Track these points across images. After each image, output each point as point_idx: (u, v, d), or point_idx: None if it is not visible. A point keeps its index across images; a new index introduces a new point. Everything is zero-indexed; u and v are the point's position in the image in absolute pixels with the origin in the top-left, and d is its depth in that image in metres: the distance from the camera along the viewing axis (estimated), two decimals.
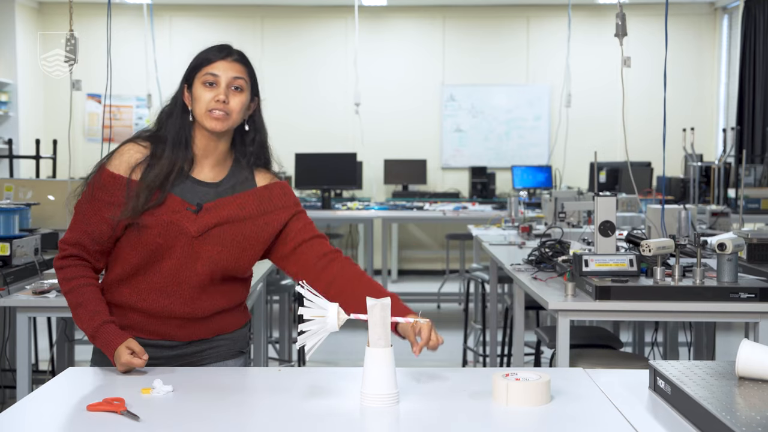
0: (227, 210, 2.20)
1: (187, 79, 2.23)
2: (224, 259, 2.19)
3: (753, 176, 7.24)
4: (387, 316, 1.83)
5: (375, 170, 9.82)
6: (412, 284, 9.32)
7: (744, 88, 8.90)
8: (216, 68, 2.18)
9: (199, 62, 2.21)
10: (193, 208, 2.18)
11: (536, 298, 3.25)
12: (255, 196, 2.25)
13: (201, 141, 2.23)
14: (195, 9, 10.08)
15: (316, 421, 1.76)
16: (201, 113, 2.18)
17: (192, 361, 2.24)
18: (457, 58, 10.16)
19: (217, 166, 2.26)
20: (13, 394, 4.32)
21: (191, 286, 2.18)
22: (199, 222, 2.17)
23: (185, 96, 2.23)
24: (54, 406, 1.91)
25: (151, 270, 2.18)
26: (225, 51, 2.21)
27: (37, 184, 4.58)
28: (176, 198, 2.18)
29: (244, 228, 2.21)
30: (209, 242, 2.18)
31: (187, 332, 2.23)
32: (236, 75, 2.19)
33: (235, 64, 2.20)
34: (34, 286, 3.27)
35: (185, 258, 2.17)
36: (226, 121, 2.18)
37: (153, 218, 2.15)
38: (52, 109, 9.73)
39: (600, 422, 1.77)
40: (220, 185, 2.24)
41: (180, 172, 2.19)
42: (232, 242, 2.20)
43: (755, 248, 3.52)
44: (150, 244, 2.16)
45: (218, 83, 2.18)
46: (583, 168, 9.01)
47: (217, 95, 2.16)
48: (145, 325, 2.20)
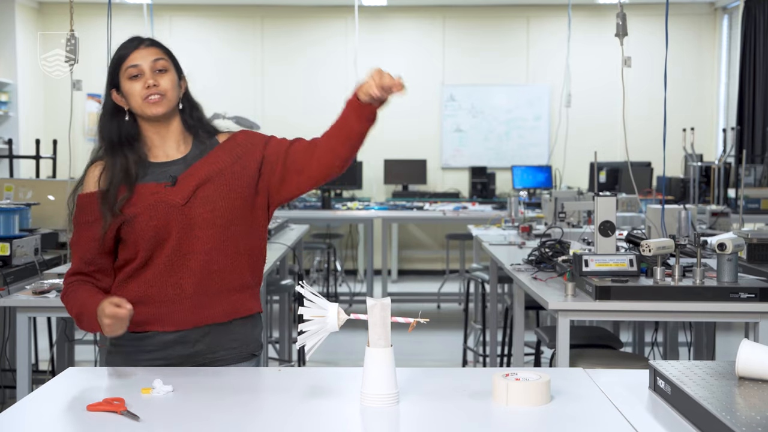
0: (202, 171, 2.23)
1: (112, 83, 2.25)
2: (219, 216, 2.21)
3: (753, 176, 7.24)
4: (387, 316, 1.83)
5: (375, 170, 9.82)
6: (412, 284, 9.32)
7: (744, 88, 8.90)
8: (134, 59, 2.22)
9: (116, 61, 2.24)
10: (168, 183, 2.21)
11: (536, 298, 3.25)
12: (222, 149, 2.28)
13: (151, 131, 2.26)
14: (195, 9, 10.08)
15: (316, 421, 1.76)
16: (138, 105, 2.21)
17: (205, 362, 2.23)
18: (457, 58, 10.16)
19: (180, 145, 2.29)
20: (13, 394, 4.32)
21: (196, 254, 2.19)
22: (179, 190, 2.20)
23: (116, 98, 2.25)
24: (54, 406, 1.91)
25: (156, 256, 2.20)
26: (136, 41, 2.25)
27: (37, 184, 4.58)
28: (149, 184, 2.21)
29: (224, 179, 2.23)
30: (198, 204, 2.20)
31: (200, 315, 2.21)
32: (155, 57, 2.23)
33: (150, 48, 2.24)
34: (34, 286, 3.27)
35: (182, 229, 2.19)
36: (162, 102, 2.22)
37: (137, 207, 2.18)
38: (52, 109, 9.73)
39: (600, 422, 1.77)
40: (188, 157, 2.27)
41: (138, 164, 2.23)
42: (220, 196, 2.22)
43: (755, 248, 3.52)
44: (147, 230, 2.18)
45: (142, 71, 2.21)
46: (583, 168, 9.01)
47: (145, 82, 2.20)
48: (157, 317, 2.20)
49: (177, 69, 2.29)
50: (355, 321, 1.91)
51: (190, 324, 2.21)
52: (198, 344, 2.22)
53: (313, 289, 1.90)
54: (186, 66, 2.32)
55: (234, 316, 2.26)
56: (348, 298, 8.07)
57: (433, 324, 6.43)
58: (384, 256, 7.86)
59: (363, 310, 1.84)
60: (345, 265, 9.57)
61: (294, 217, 6.94)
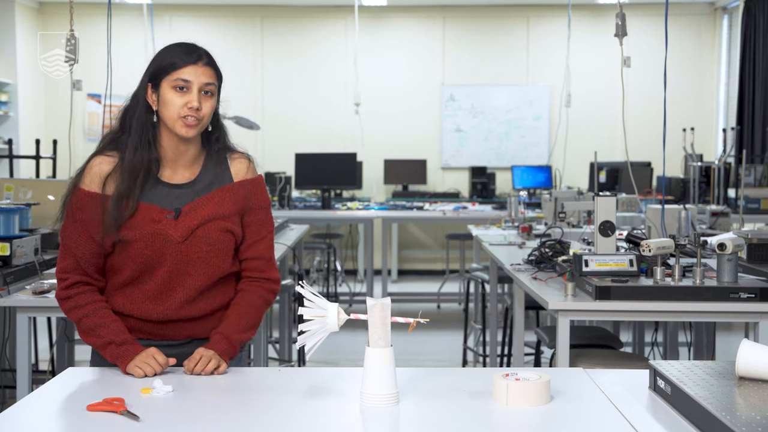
0: (206, 210, 2.20)
1: (151, 80, 2.18)
2: (214, 256, 2.20)
3: (753, 176, 7.24)
4: (387, 316, 1.83)
5: (375, 170, 9.82)
6: (412, 284, 9.32)
7: (744, 88, 8.90)
8: (187, 73, 2.14)
9: (166, 65, 2.16)
10: (171, 214, 2.17)
11: (536, 298, 3.25)
12: (232, 192, 2.24)
13: (170, 144, 2.20)
14: (195, 9, 10.08)
15: (316, 421, 1.76)
16: (172, 119, 2.15)
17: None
18: (457, 58, 10.16)
19: (191, 165, 2.24)
20: (13, 394, 4.32)
21: (186, 289, 2.19)
22: (180, 227, 2.17)
23: (149, 95, 2.19)
24: (54, 406, 1.91)
25: (144, 279, 2.19)
26: (195, 55, 2.17)
27: (37, 184, 4.58)
28: (153, 207, 2.17)
29: (224, 223, 2.21)
30: (196, 243, 2.18)
31: (185, 333, 2.25)
32: (208, 81, 2.16)
33: (206, 69, 2.17)
34: (34, 286, 3.27)
35: (176, 264, 2.17)
36: (197, 127, 2.17)
37: (135, 231, 2.15)
38: (52, 109, 9.73)
39: (600, 422, 1.77)
40: (196, 183, 2.23)
41: (148, 175, 2.18)
42: (218, 238, 2.20)
43: (755, 248, 3.52)
44: (139, 257, 2.16)
45: (190, 89, 2.14)
46: (583, 168, 9.01)
47: (189, 102, 2.13)
48: (142, 327, 2.22)
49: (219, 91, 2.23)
50: (355, 321, 1.91)
51: (174, 338, 2.24)
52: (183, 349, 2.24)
53: (313, 289, 1.90)
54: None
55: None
56: (348, 298, 8.07)
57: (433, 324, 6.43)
58: (384, 256, 7.86)
59: (363, 310, 1.84)
60: (345, 265, 9.57)
61: (294, 217, 6.94)
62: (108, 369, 2.14)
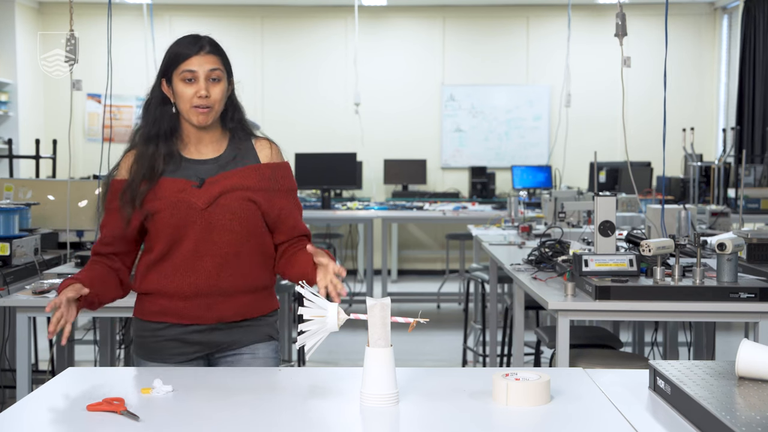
0: (231, 180, 2.30)
1: (164, 74, 2.31)
2: (237, 224, 2.28)
3: (753, 176, 7.24)
4: (387, 316, 1.83)
5: (375, 170, 9.82)
6: (412, 284, 9.32)
7: (744, 88, 8.90)
8: (192, 64, 2.27)
9: (174, 58, 2.29)
10: (195, 183, 2.28)
11: (536, 298, 3.25)
12: (258, 172, 2.34)
13: (191, 130, 2.34)
14: (195, 9, 10.08)
15: (316, 421, 1.76)
16: (186, 109, 2.28)
17: (222, 347, 2.32)
18: (457, 58, 10.16)
19: (214, 143, 2.35)
20: (13, 394, 4.32)
21: (212, 257, 2.27)
22: (204, 194, 2.27)
23: (164, 88, 2.31)
24: (54, 406, 1.91)
25: (174, 252, 2.28)
26: (198, 45, 2.29)
27: (37, 184, 4.58)
28: (178, 180, 2.28)
29: (247, 195, 2.30)
30: (219, 211, 2.27)
31: (214, 314, 2.30)
32: (212, 67, 2.29)
33: (209, 56, 2.29)
34: (34, 286, 3.27)
35: (201, 231, 2.26)
36: (210, 114, 2.29)
37: (160, 202, 2.26)
38: (52, 109, 9.73)
39: (600, 422, 1.77)
40: (221, 158, 2.33)
41: (170, 159, 2.29)
42: (240, 207, 2.28)
43: (755, 248, 3.52)
44: (166, 227, 2.26)
45: (197, 78, 2.27)
46: (583, 168, 9.01)
47: (197, 91, 2.26)
48: (173, 309, 2.29)
49: (228, 74, 2.34)
50: (355, 321, 1.91)
51: (203, 321, 2.30)
52: (213, 335, 2.31)
53: (313, 289, 1.90)
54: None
55: (246, 316, 2.34)
56: (348, 298, 8.07)
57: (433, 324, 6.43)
58: (384, 256, 7.86)
59: (363, 310, 1.84)
60: (345, 265, 9.57)
61: None
62: (108, 369, 2.15)
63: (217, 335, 2.31)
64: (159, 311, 2.30)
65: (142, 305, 2.34)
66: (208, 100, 2.26)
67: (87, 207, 4.31)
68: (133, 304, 2.38)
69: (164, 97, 2.31)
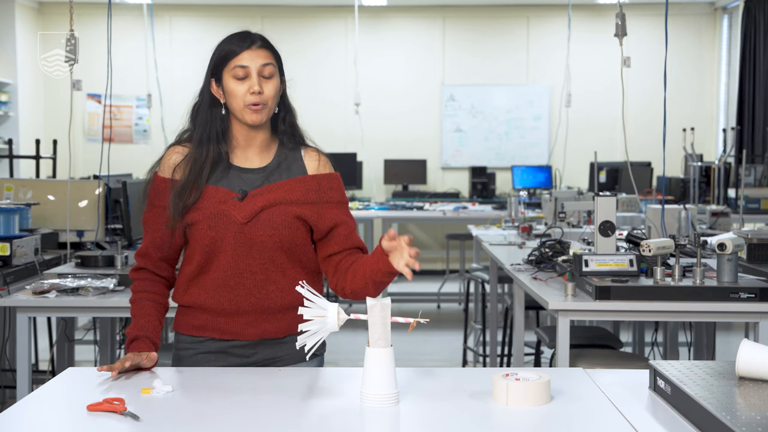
0: (274, 194, 2.20)
1: (213, 73, 2.22)
2: (278, 240, 2.18)
3: (753, 176, 7.24)
4: (387, 316, 1.83)
5: (375, 170, 9.82)
6: (412, 284, 9.28)
7: (744, 88, 8.90)
8: (243, 59, 2.17)
9: (224, 55, 2.20)
10: (238, 196, 2.19)
11: (536, 298, 3.25)
12: (304, 184, 2.24)
13: (240, 132, 2.24)
14: (195, 9, 10.08)
15: (316, 421, 1.76)
16: (239, 108, 2.18)
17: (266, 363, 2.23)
18: (457, 58, 10.16)
19: (263, 151, 2.26)
20: (13, 394, 4.32)
21: (253, 273, 2.18)
22: (245, 208, 2.18)
23: (213, 89, 2.23)
24: (54, 406, 1.91)
25: (213, 266, 2.19)
26: (248, 40, 2.20)
27: (37, 184, 4.58)
28: (221, 189, 2.19)
29: (294, 209, 2.20)
30: (259, 226, 2.17)
31: (257, 330, 2.20)
32: (264, 62, 2.19)
33: (261, 50, 2.20)
34: (34, 286, 3.27)
35: (240, 247, 2.17)
36: (264, 111, 2.19)
37: (200, 213, 2.17)
38: (52, 109, 9.73)
39: (600, 422, 1.77)
40: (267, 168, 2.24)
41: (217, 163, 2.21)
42: (282, 222, 2.18)
43: (755, 248, 3.52)
44: (203, 238, 2.17)
45: (249, 74, 2.17)
46: (583, 168, 9.01)
47: (251, 87, 2.16)
48: (215, 324, 2.21)
49: (280, 72, 2.26)
50: (355, 321, 1.91)
51: (246, 337, 2.21)
52: (255, 355, 2.23)
53: (313, 289, 1.90)
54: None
55: (290, 332, 2.21)
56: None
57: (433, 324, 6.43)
58: None
59: (363, 310, 1.84)
60: None
61: None
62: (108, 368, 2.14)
63: (261, 351, 2.21)
64: (200, 326, 2.21)
65: (183, 318, 2.26)
66: (261, 96, 2.16)
67: (87, 207, 4.31)
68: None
69: (213, 99, 2.22)
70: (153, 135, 9.93)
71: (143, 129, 10.04)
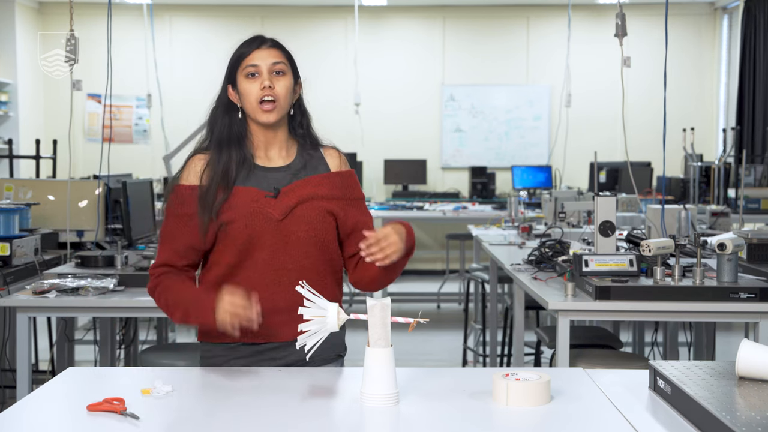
0: (305, 190, 2.23)
1: (229, 79, 2.26)
2: (313, 236, 2.21)
3: (753, 176, 7.24)
4: (387, 316, 1.83)
5: (375, 170, 9.82)
6: (412, 284, 9.31)
7: (744, 88, 8.90)
8: (254, 58, 2.23)
9: (236, 58, 2.25)
10: (271, 194, 2.21)
11: (536, 298, 3.25)
12: (329, 180, 2.28)
13: (259, 134, 2.27)
14: (195, 9, 10.08)
15: (316, 421, 1.76)
16: (252, 107, 2.22)
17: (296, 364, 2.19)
18: (457, 58, 10.16)
19: (284, 150, 2.29)
20: (13, 394, 4.32)
21: (288, 271, 2.19)
22: (280, 205, 2.20)
23: (231, 95, 2.26)
24: (54, 406, 1.91)
25: (247, 265, 2.19)
26: (258, 40, 2.26)
27: (37, 184, 4.58)
28: (251, 189, 2.21)
29: (325, 204, 2.24)
30: (295, 222, 2.20)
31: (291, 330, 2.10)
32: (275, 60, 2.24)
33: (271, 50, 2.25)
34: (34, 286, 3.27)
35: (276, 244, 2.18)
36: (276, 110, 2.22)
37: (235, 212, 2.18)
38: (52, 109, 9.73)
39: (600, 422, 1.77)
40: (292, 166, 2.27)
41: (242, 165, 2.22)
42: (317, 218, 2.22)
43: (755, 248, 3.52)
44: (239, 237, 2.17)
45: (260, 72, 2.22)
46: (583, 168, 9.01)
47: (261, 83, 2.21)
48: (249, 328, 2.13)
49: (294, 73, 2.30)
50: (355, 321, 1.91)
51: (281, 338, 2.20)
52: (288, 357, 2.20)
53: (313, 289, 1.90)
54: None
55: None
56: (348, 298, 8.07)
57: (433, 324, 6.42)
58: None
59: (363, 310, 1.84)
60: None
61: None
62: (108, 369, 2.14)
63: (293, 353, 2.15)
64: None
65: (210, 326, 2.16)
66: (272, 91, 2.20)
67: (87, 207, 4.31)
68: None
69: (230, 104, 2.26)
70: (153, 135, 9.93)
71: (143, 129, 10.04)
